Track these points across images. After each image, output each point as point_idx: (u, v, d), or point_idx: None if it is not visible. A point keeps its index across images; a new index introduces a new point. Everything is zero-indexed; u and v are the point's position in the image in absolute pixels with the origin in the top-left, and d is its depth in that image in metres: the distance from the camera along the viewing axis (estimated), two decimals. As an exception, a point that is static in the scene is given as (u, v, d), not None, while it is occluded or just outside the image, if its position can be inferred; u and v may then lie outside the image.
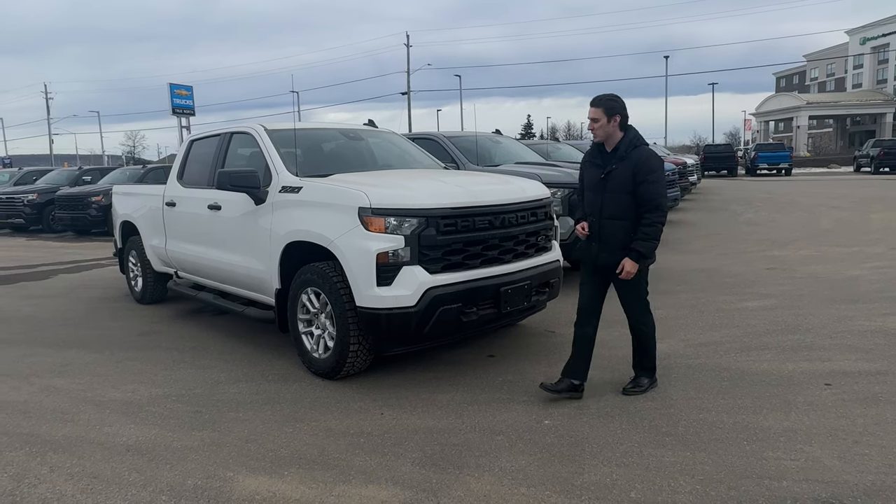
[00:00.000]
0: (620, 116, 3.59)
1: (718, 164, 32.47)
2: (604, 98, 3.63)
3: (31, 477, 3.02)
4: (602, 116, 3.58)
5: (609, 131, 3.60)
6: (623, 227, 3.58)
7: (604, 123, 3.58)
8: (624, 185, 3.54)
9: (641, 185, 3.51)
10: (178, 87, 31.33)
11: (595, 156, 3.73)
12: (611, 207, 3.60)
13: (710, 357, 4.46)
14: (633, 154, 3.55)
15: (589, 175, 3.75)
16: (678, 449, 3.08)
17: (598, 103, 3.62)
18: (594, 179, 3.67)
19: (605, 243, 3.64)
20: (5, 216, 16.29)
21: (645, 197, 3.52)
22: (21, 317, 6.56)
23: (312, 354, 4.32)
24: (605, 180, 3.60)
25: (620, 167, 3.54)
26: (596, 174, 3.66)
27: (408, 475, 2.93)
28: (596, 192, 3.65)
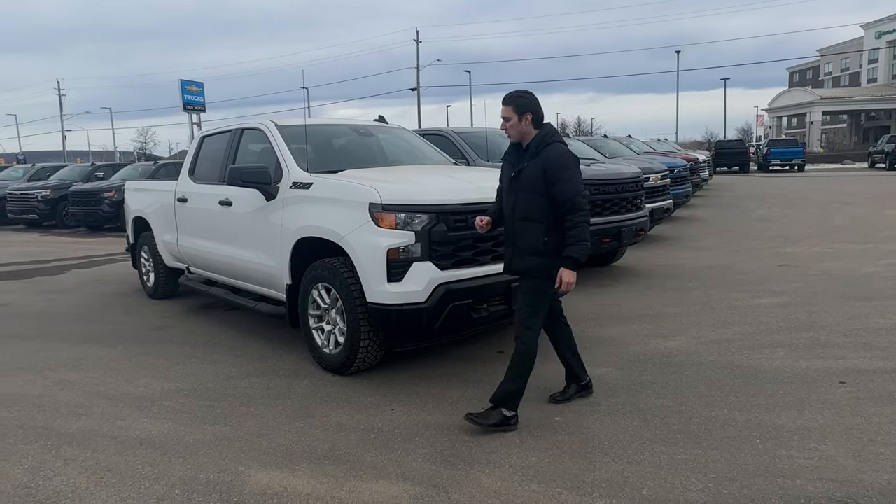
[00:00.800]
0: (532, 113, 3.32)
1: (730, 161, 32.22)
2: (514, 95, 3.36)
3: (45, 470, 3.06)
4: (513, 115, 3.32)
5: (522, 130, 3.34)
6: (535, 229, 3.27)
7: (515, 122, 3.32)
8: (534, 185, 3.25)
9: (555, 185, 3.20)
10: (188, 84, 31.40)
11: (511, 154, 3.45)
12: (522, 209, 3.31)
13: (722, 354, 4.42)
14: (543, 152, 3.28)
15: (504, 174, 3.48)
16: (690, 446, 3.06)
17: (508, 101, 3.35)
18: (507, 179, 3.42)
19: (517, 247, 3.36)
20: (19, 212, 16.46)
21: (561, 198, 3.20)
22: (35, 312, 6.63)
23: (323, 350, 4.33)
24: (517, 180, 3.34)
25: (531, 166, 3.29)
26: (508, 173, 3.42)
27: (418, 471, 2.94)
28: (509, 192, 3.39)
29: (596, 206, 6.79)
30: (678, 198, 11.61)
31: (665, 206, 9.62)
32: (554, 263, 3.25)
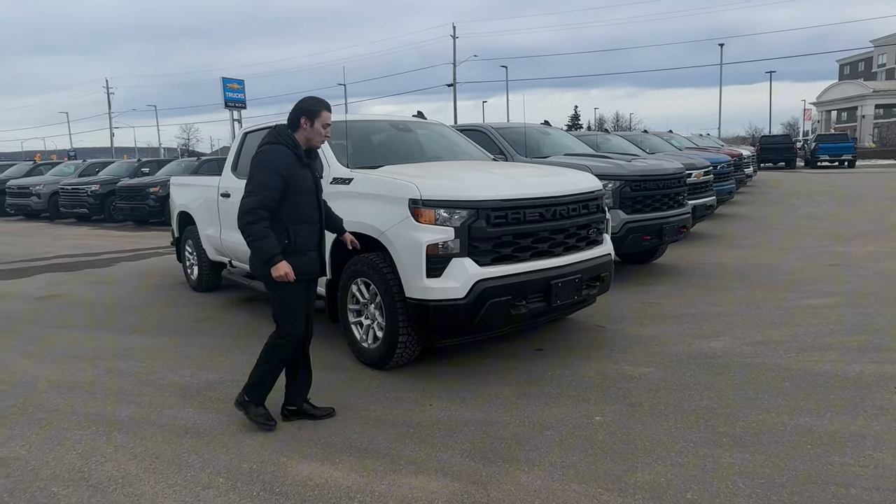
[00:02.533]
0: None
1: (776, 156, 31.24)
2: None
3: (98, 455, 3.17)
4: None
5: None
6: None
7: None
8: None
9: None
10: (230, 81, 32.03)
11: (306, 158, 3.39)
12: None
13: (769, 356, 4.29)
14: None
15: (310, 180, 3.39)
16: (736, 450, 2.98)
17: (329, 108, 3.44)
18: (314, 183, 3.43)
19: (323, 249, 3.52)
20: (71, 206, 17.10)
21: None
22: (86, 302, 6.88)
23: (362, 344, 4.37)
24: (318, 184, 3.49)
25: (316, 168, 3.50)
26: (315, 178, 3.44)
27: (457, 467, 2.94)
28: (317, 195, 3.44)
29: (637, 202, 6.67)
30: (721, 194, 11.33)
31: (708, 202, 9.39)
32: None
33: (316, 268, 3.42)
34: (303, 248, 3.31)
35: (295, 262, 3.23)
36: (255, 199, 3.15)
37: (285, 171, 3.21)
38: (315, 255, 3.39)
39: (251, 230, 3.15)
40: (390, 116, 5.97)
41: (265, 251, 3.16)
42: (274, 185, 3.17)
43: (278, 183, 3.18)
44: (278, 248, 3.17)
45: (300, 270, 3.26)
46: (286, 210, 3.23)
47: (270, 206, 3.18)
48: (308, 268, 3.35)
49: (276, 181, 3.18)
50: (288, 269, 3.18)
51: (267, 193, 3.16)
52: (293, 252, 3.25)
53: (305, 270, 3.32)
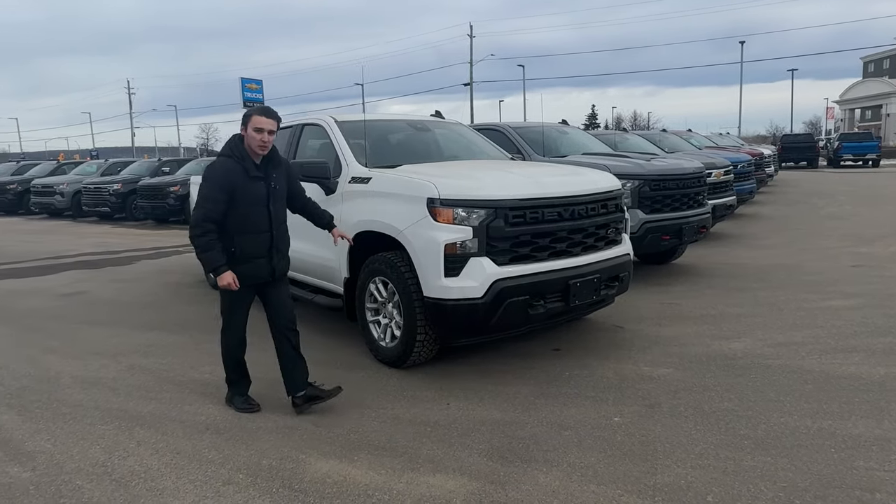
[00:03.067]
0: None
1: (797, 155, 30.77)
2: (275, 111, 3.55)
3: (120, 450, 3.22)
4: (275, 129, 3.46)
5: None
6: (287, 233, 3.70)
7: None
8: (284, 193, 3.62)
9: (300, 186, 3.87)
10: (248, 81, 32.38)
11: (260, 168, 3.46)
12: (283, 215, 3.62)
13: (790, 358, 4.23)
14: (283, 161, 3.66)
15: (260, 188, 3.46)
16: (758, 453, 2.94)
17: (275, 116, 3.50)
18: (266, 190, 3.47)
19: (281, 251, 3.61)
20: (93, 205, 17.37)
21: (304, 197, 3.93)
22: (108, 299, 6.99)
23: (379, 343, 4.39)
24: (277, 190, 3.54)
25: (280, 176, 3.57)
26: (267, 186, 3.48)
27: (475, 466, 2.94)
28: (270, 202, 3.49)
29: (656, 202, 6.62)
30: (742, 194, 11.17)
31: (728, 202, 9.27)
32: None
33: (263, 272, 3.53)
34: (249, 256, 3.46)
35: (240, 270, 3.42)
36: (199, 213, 3.37)
37: (228, 184, 3.36)
38: (263, 262, 3.51)
39: (197, 242, 3.38)
40: (408, 116, 5.99)
41: (210, 263, 3.39)
42: (216, 199, 3.35)
43: (221, 195, 3.35)
44: (222, 260, 3.36)
45: (245, 276, 3.45)
46: (232, 220, 3.39)
47: (214, 218, 3.36)
48: (253, 273, 3.49)
49: (218, 194, 3.35)
50: (230, 279, 3.37)
51: (209, 206, 3.35)
52: (239, 260, 3.42)
53: (250, 276, 3.48)
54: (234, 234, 3.40)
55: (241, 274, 3.42)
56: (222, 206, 3.35)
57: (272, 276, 3.57)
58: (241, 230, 3.41)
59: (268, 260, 3.52)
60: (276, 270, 3.59)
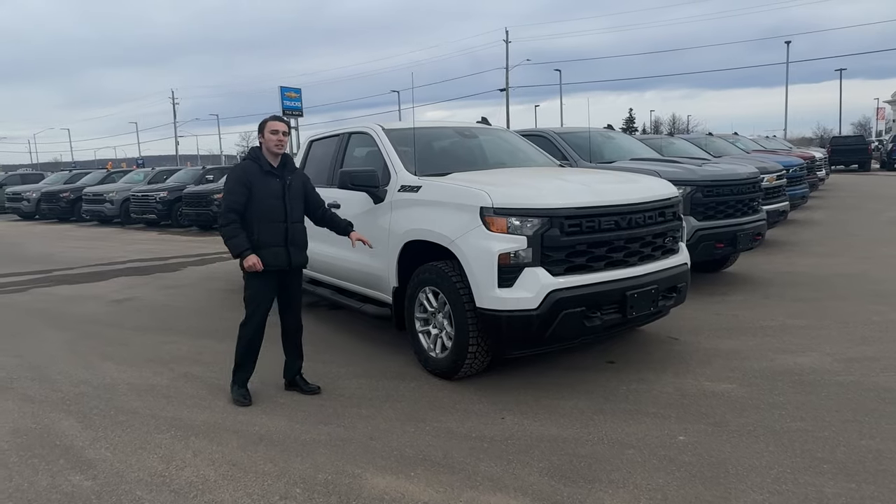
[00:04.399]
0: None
1: (848, 158, 29.62)
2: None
3: (177, 460, 3.22)
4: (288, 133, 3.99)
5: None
6: (304, 230, 4.12)
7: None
8: (301, 194, 4.08)
9: (313, 191, 4.27)
10: (287, 90, 32.94)
11: (278, 169, 3.96)
12: (298, 213, 4.04)
13: (864, 375, 3.99)
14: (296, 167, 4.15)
15: (274, 185, 3.93)
16: (840, 479, 2.76)
17: (284, 121, 4.02)
18: (280, 189, 3.93)
19: (297, 245, 4.00)
20: (141, 212, 17.87)
21: (319, 201, 4.31)
22: (157, 306, 7.12)
23: (429, 353, 4.32)
24: (290, 189, 3.97)
25: (295, 177, 4.06)
26: (282, 184, 3.95)
27: (536, 485, 2.83)
28: (283, 199, 3.93)
29: (709, 208, 6.40)
30: (794, 199, 10.76)
31: (781, 208, 8.94)
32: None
33: (281, 261, 3.92)
34: (268, 243, 3.87)
35: (260, 256, 3.83)
36: (224, 205, 3.88)
37: (247, 179, 3.86)
38: (281, 250, 3.92)
39: (224, 231, 3.85)
40: (455, 123, 5.93)
41: (236, 247, 3.83)
42: (236, 191, 3.84)
43: (240, 188, 3.85)
44: (247, 245, 3.81)
45: (266, 262, 3.84)
46: (252, 210, 3.85)
47: (237, 209, 3.83)
48: (272, 260, 3.88)
49: (238, 187, 3.85)
50: (255, 260, 3.79)
51: (231, 199, 3.84)
52: (259, 246, 3.84)
53: (270, 262, 3.87)
54: (253, 223, 3.85)
55: (263, 259, 3.83)
56: (242, 198, 3.83)
57: (289, 264, 3.96)
58: (259, 219, 3.85)
59: (285, 249, 3.92)
60: (293, 261, 3.98)
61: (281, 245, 3.90)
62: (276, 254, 3.89)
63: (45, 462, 3.24)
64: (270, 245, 3.87)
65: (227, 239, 3.84)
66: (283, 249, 3.91)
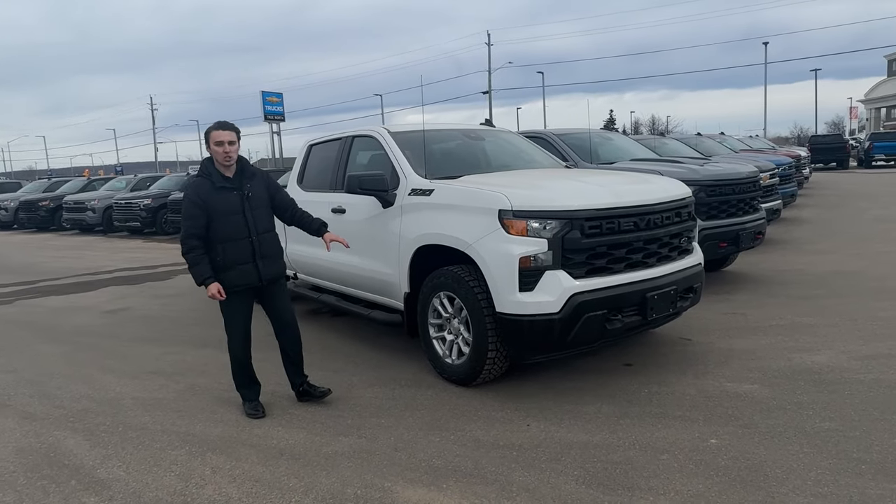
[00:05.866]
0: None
1: (827, 156, 30.15)
2: (233, 124, 3.75)
3: (196, 477, 3.10)
4: (236, 141, 3.71)
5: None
6: (277, 238, 3.94)
7: (237, 147, 3.72)
8: (266, 202, 3.84)
9: (278, 193, 3.98)
10: (269, 95, 32.62)
11: (229, 181, 3.72)
12: (265, 223, 3.80)
13: (883, 372, 3.99)
14: (257, 172, 3.89)
15: (232, 199, 3.69)
16: (881, 480, 2.73)
17: (232, 128, 3.72)
18: (238, 201, 3.70)
19: (267, 256, 3.78)
20: (124, 220, 17.51)
21: (286, 202, 4.04)
22: (153, 316, 6.93)
23: (445, 360, 4.23)
24: (250, 199, 3.73)
25: (256, 185, 3.78)
26: (242, 195, 3.71)
27: (574, 494, 2.76)
28: (244, 211, 3.70)
29: (712, 208, 6.40)
30: (785, 197, 10.87)
31: (774, 206, 9.01)
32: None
33: (250, 279, 3.73)
34: (234, 261, 3.67)
35: (228, 277, 3.66)
36: (183, 231, 3.67)
37: (200, 199, 3.63)
38: (249, 268, 3.71)
39: (186, 259, 3.67)
40: (461, 125, 5.86)
41: (197, 276, 3.65)
42: (192, 215, 3.64)
43: (196, 211, 3.63)
44: (208, 273, 3.62)
45: (232, 283, 3.68)
46: (213, 231, 3.64)
47: (195, 233, 3.63)
48: (240, 280, 3.70)
49: (194, 210, 3.63)
50: (215, 290, 3.61)
51: (188, 223, 3.65)
52: (226, 266, 3.66)
53: (238, 282, 3.69)
54: (216, 243, 3.65)
55: (229, 280, 3.67)
56: (200, 220, 3.63)
57: (260, 280, 3.76)
58: (222, 238, 3.65)
59: (253, 265, 3.72)
60: (264, 275, 3.77)
61: (249, 262, 3.70)
62: (244, 272, 3.70)
63: (56, 483, 3.09)
64: (237, 264, 3.67)
65: (189, 267, 3.68)
66: (252, 266, 3.71)
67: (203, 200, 3.62)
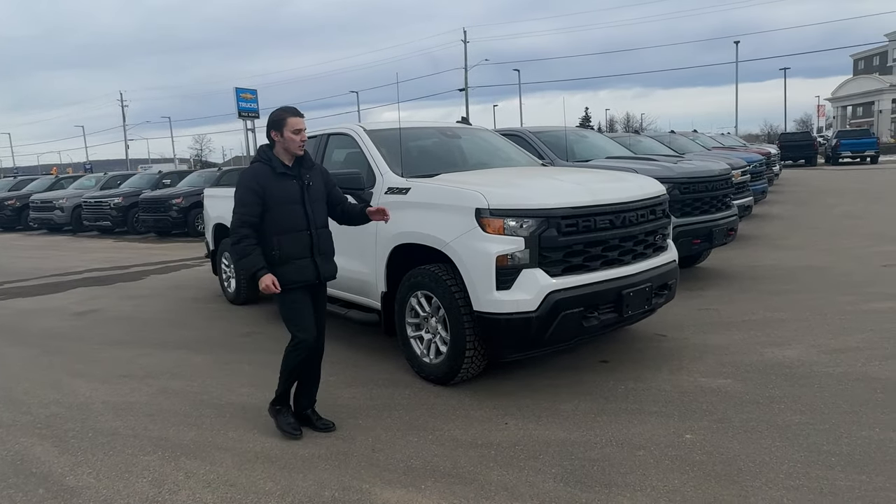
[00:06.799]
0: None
1: (796, 154, 30.81)
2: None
3: (169, 483, 3.03)
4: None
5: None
6: (330, 235, 3.60)
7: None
8: (323, 195, 3.56)
9: (335, 188, 3.70)
10: (243, 91, 32.10)
11: (292, 168, 3.42)
12: (322, 217, 3.53)
13: (851, 365, 4.09)
14: (316, 165, 3.62)
15: (293, 188, 3.40)
16: (850, 471, 2.79)
17: (301, 114, 3.45)
18: (299, 191, 3.41)
19: (325, 254, 3.50)
20: (94, 219, 17.12)
21: (340, 197, 3.73)
22: (125, 317, 6.79)
23: (423, 359, 4.22)
24: (310, 190, 3.45)
25: (315, 176, 3.51)
26: (300, 185, 3.42)
27: (552, 492, 2.77)
28: (305, 202, 3.42)
29: (686, 205, 6.49)
30: (756, 194, 11.08)
31: (746, 203, 9.17)
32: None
33: (308, 275, 3.41)
34: (290, 256, 3.35)
35: (283, 272, 3.32)
36: (235, 219, 3.34)
37: (259, 186, 3.32)
38: (307, 262, 3.41)
39: (234, 249, 3.35)
40: (437, 123, 5.83)
41: (249, 267, 3.30)
42: (248, 202, 3.32)
43: (253, 198, 3.32)
44: (261, 263, 3.28)
45: (289, 279, 3.33)
46: (270, 221, 3.34)
47: (249, 222, 3.31)
48: (298, 276, 3.37)
49: (250, 197, 3.32)
50: (270, 281, 3.26)
51: (242, 210, 3.32)
52: (281, 262, 3.33)
53: (296, 278, 3.36)
54: (272, 235, 3.33)
55: (286, 276, 3.32)
56: (256, 208, 3.32)
57: (318, 278, 3.47)
58: (279, 230, 3.34)
59: (311, 261, 3.42)
60: (322, 273, 3.47)
61: (307, 256, 3.39)
62: (302, 268, 3.37)
63: (23, 493, 3.00)
64: (294, 258, 3.34)
65: (237, 258, 3.35)
66: (310, 261, 3.40)
67: (261, 187, 3.31)
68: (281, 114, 3.40)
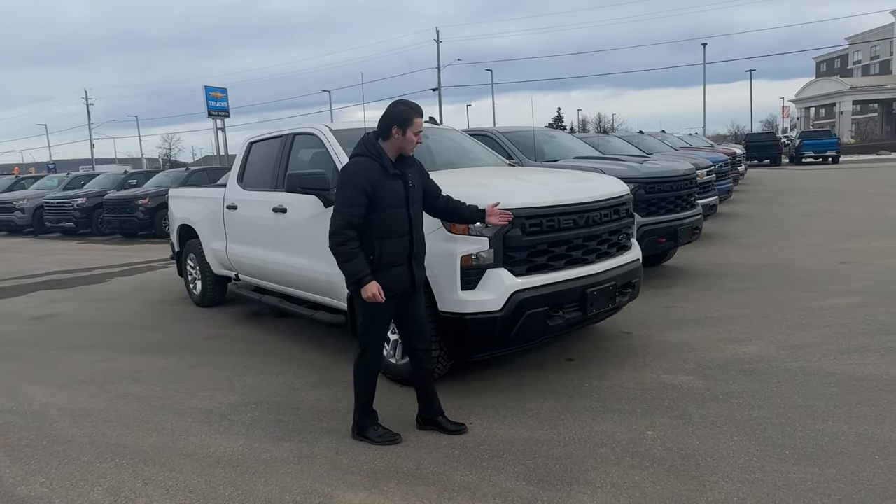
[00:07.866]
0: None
1: (761, 154, 31.56)
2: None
3: (126, 490, 2.96)
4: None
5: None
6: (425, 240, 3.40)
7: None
8: (421, 197, 3.33)
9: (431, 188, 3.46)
10: (213, 90, 31.62)
11: (397, 167, 3.21)
12: (420, 221, 3.31)
13: (808, 360, 4.20)
14: (417, 163, 3.36)
15: (401, 187, 3.18)
16: (803, 464, 2.86)
17: (422, 113, 3.29)
18: (405, 191, 3.20)
19: (419, 259, 3.31)
20: (56, 220, 16.69)
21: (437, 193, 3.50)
22: (87, 321, 6.62)
23: (389, 360, 4.20)
24: (415, 191, 3.26)
25: (416, 176, 3.30)
26: (407, 186, 3.21)
27: (514, 491, 2.78)
28: (408, 204, 3.21)
29: (651, 204, 6.59)
30: (721, 193, 11.31)
31: (712, 202, 9.36)
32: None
33: (405, 283, 3.22)
34: (390, 262, 3.15)
35: (380, 279, 3.09)
36: (340, 219, 3.07)
37: (369, 184, 3.07)
38: (404, 270, 3.20)
39: (339, 252, 3.09)
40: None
41: (353, 273, 3.08)
42: (357, 202, 3.06)
43: (362, 199, 3.06)
44: (367, 269, 3.07)
45: (386, 287, 3.11)
46: (373, 224, 3.10)
47: (356, 224, 3.07)
48: (394, 284, 3.17)
49: (360, 197, 3.06)
50: (376, 289, 3.05)
51: (351, 211, 3.05)
52: (380, 268, 3.12)
53: (392, 287, 3.15)
54: (373, 239, 3.11)
55: (382, 284, 3.09)
56: (363, 209, 3.07)
57: (412, 286, 3.27)
58: (382, 234, 3.11)
59: (407, 267, 3.21)
60: (417, 280, 3.28)
61: (404, 263, 3.18)
62: (399, 275, 3.17)
63: (-29, 504, 2.91)
64: (392, 265, 3.14)
65: (344, 262, 3.08)
66: (406, 268, 3.19)
67: (372, 187, 3.06)
68: (409, 112, 3.17)
